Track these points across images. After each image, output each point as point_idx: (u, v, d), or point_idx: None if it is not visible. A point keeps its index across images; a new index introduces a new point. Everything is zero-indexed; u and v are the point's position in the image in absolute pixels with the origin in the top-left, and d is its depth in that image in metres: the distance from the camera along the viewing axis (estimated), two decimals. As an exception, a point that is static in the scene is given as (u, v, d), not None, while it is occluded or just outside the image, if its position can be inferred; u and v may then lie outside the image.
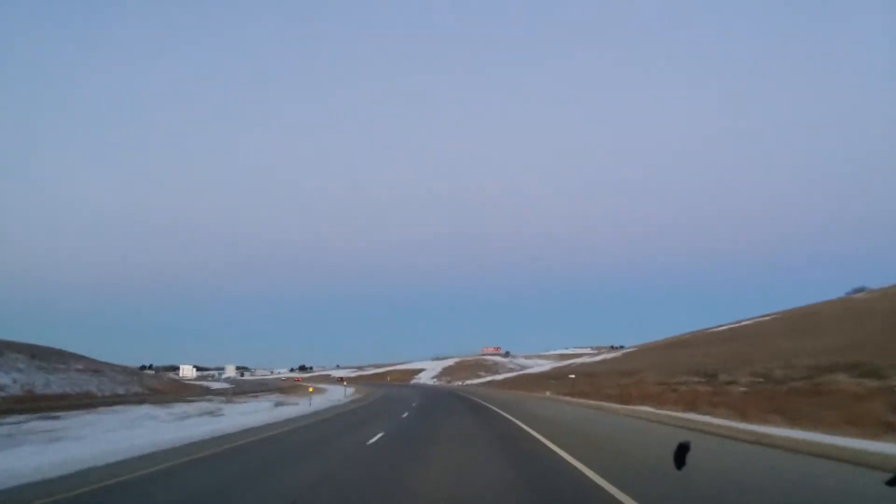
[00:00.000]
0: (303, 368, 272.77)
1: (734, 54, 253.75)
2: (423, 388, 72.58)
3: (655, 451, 11.41)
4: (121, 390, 57.69)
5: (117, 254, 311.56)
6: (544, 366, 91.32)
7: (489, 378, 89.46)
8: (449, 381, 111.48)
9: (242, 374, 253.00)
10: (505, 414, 24.77)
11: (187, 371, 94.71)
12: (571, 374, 62.80)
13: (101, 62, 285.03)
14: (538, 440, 14.07)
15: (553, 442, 13.36)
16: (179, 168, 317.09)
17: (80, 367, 65.86)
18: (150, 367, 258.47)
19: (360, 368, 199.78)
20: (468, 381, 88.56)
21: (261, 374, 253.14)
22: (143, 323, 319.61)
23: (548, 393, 49.74)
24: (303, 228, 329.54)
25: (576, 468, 9.40)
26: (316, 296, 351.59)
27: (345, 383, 68.27)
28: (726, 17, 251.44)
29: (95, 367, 68.84)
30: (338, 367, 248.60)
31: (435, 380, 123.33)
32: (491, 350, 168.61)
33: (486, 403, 32.38)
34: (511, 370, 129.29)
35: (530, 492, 7.60)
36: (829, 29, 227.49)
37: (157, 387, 75.25)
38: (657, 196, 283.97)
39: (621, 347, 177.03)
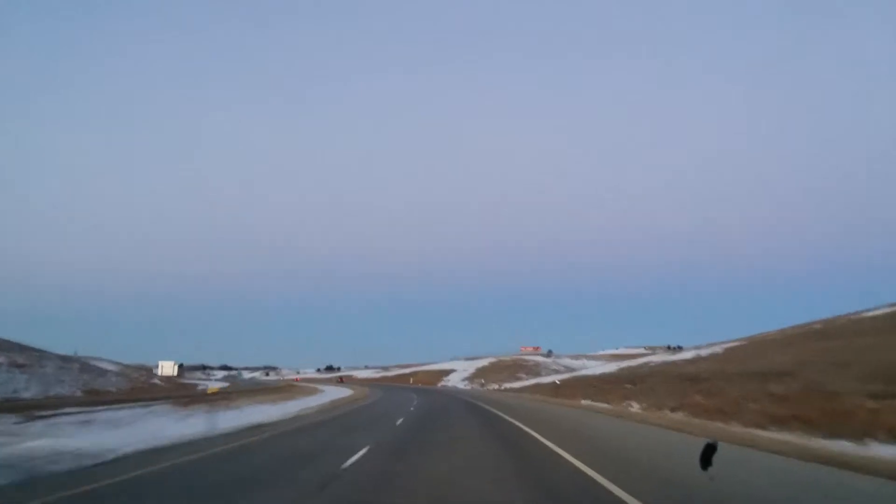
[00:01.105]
0: (329, 369, 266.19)
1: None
2: (443, 394, 54.86)
3: None
4: (29, 393, 42.59)
5: (154, 257, 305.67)
6: (598, 367, 72.91)
7: (532, 381, 71.53)
8: (483, 385, 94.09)
9: (267, 374, 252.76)
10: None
11: (167, 368, 80.00)
12: (648, 375, 44.54)
13: (105, 59, 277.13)
14: None
15: None
16: (214, 174, 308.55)
17: (0, 360, 51.25)
18: (181, 366, 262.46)
19: (385, 369, 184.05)
20: (506, 385, 71.03)
21: (285, 373, 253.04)
22: (176, 324, 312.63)
23: (634, 406, 31.93)
24: (336, 231, 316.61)
25: None
26: (347, 297, 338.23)
27: (342, 383, 51.55)
28: (746, 19, 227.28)
29: (24, 362, 53.97)
30: (366, 367, 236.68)
31: (466, 382, 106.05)
32: (530, 350, 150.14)
33: (564, 453, 12.84)
34: (555, 371, 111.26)
35: None
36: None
37: (110, 388, 60.20)
38: (703, 195, 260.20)
39: (679, 348, 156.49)
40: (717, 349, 46.51)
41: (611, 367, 57.73)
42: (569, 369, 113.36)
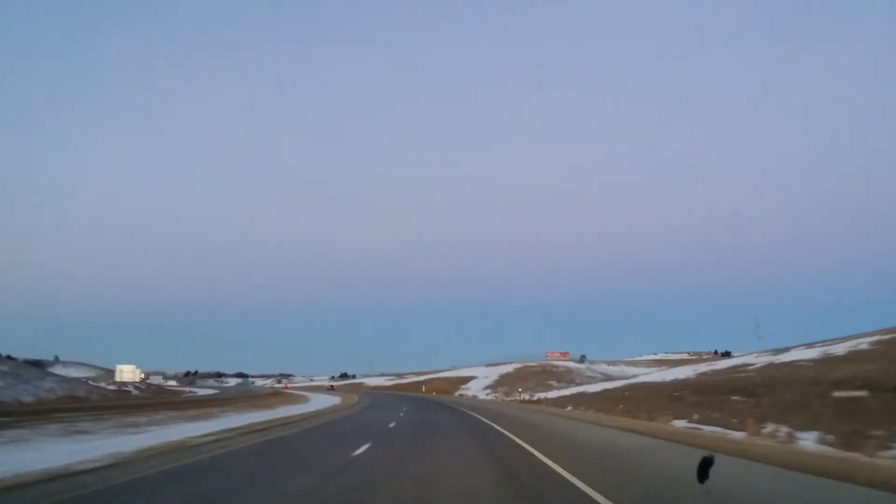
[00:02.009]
0: (344, 376, 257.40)
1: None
2: (450, 411, 39.82)
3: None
4: None
5: (176, 266, 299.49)
6: (653, 373, 57.80)
7: (572, 390, 56.69)
8: (508, 394, 79.44)
9: (279, 381, 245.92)
10: None
11: (128, 373, 66.83)
12: (764, 383, 29.90)
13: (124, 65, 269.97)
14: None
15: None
16: (228, 180, 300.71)
17: None
18: (195, 373, 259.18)
19: (398, 376, 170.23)
20: (539, 395, 56.56)
21: (298, 381, 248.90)
22: (196, 332, 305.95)
23: (804, 438, 17.30)
24: (350, 234, 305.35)
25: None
26: (363, 303, 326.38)
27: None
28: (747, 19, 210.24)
29: None
30: (382, 374, 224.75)
31: (489, 391, 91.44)
32: (557, 355, 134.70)
33: None
34: (590, 379, 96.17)
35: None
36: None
37: (24, 398, 46.92)
38: (740, 192, 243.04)
39: (728, 354, 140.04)
40: (861, 344, 31.57)
41: (682, 373, 42.81)
42: (606, 376, 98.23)
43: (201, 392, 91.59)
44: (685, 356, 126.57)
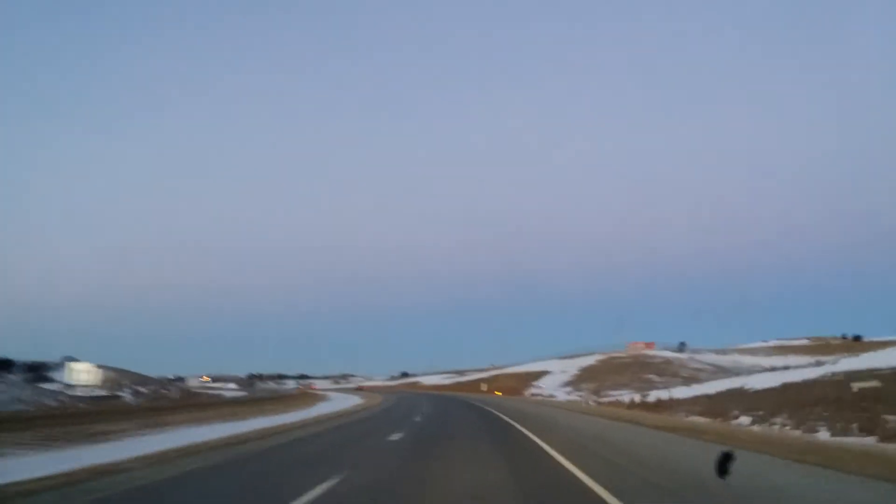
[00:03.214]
0: (405, 375, 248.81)
1: None
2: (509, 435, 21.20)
3: None
4: None
5: (235, 269, 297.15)
6: (863, 359, 38.56)
7: (715, 386, 38.19)
8: (598, 392, 61.79)
9: (338, 382, 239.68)
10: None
11: (82, 373, 54.10)
12: None
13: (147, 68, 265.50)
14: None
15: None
16: (280, 183, 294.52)
17: None
18: (258, 376, 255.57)
19: (459, 373, 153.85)
20: (658, 394, 38.68)
21: (357, 381, 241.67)
22: (267, 336, 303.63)
23: None
24: (407, 230, 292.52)
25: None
26: (425, 299, 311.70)
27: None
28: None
29: None
30: (444, 372, 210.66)
31: (569, 389, 73.61)
32: (641, 345, 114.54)
33: None
34: (699, 371, 76.95)
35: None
36: None
37: None
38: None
39: (859, 338, 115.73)
40: None
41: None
42: (719, 368, 78.49)
43: (229, 395, 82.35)
44: (806, 342, 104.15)
